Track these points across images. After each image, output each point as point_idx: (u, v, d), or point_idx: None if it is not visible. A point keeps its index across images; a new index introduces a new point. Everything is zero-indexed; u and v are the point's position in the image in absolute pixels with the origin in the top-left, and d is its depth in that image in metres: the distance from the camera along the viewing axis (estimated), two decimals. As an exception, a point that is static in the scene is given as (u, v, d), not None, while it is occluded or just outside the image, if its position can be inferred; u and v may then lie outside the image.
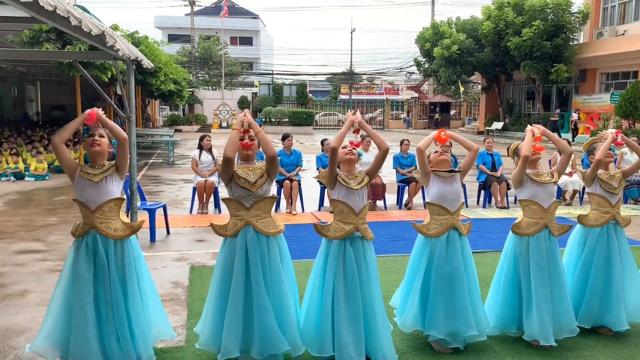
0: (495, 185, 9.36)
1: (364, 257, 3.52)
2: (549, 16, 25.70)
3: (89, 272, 3.31)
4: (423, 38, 31.27)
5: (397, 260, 6.01)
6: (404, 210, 9.12)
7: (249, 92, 39.18)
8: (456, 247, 3.79)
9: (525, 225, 3.91)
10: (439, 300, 3.72)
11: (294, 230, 7.34)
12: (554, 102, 30.23)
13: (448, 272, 3.73)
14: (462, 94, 40.26)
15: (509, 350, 3.83)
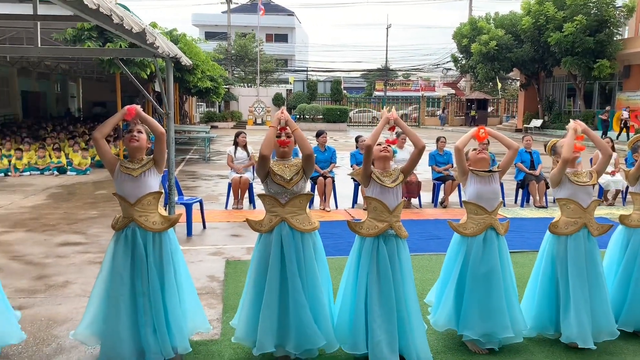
0: (533, 184, 9.16)
1: (398, 256, 3.51)
2: (592, 10, 24.93)
3: (125, 264, 3.38)
4: (460, 34, 30.81)
5: (432, 259, 5.95)
6: (439, 209, 9.02)
7: (283, 89, 39.35)
8: (493, 247, 3.73)
9: (563, 224, 3.81)
10: (474, 301, 3.67)
11: (328, 227, 7.34)
12: (596, 99, 29.34)
13: (484, 272, 3.68)
14: (500, 90, 39.50)
15: (545, 352, 3.75)
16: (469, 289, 3.70)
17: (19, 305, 4.48)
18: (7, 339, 3.51)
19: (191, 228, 6.97)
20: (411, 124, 40.52)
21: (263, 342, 3.35)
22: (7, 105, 26.15)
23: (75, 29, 11.49)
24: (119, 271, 3.37)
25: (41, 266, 5.63)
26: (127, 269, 3.38)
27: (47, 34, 11.97)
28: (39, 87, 29.51)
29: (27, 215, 8.14)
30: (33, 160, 12.91)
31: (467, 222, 3.80)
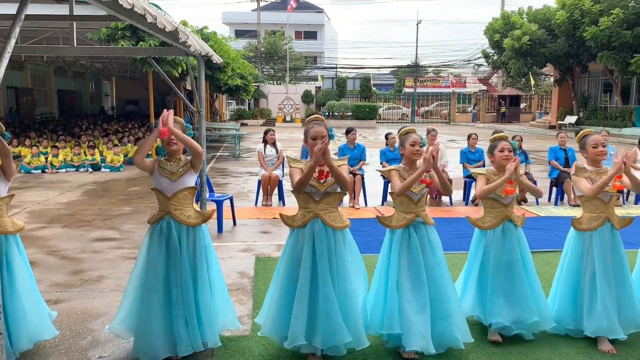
0: (568, 181, 8.95)
1: (429, 241, 3.64)
2: (630, 3, 24.16)
3: (160, 256, 3.46)
4: (492, 29, 30.29)
5: (463, 258, 5.84)
6: (470, 207, 8.90)
7: (312, 86, 39.41)
8: (512, 237, 3.84)
9: (587, 220, 3.84)
10: (499, 289, 3.77)
11: (357, 224, 7.31)
12: (633, 94, 28.49)
13: (506, 262, 3.79)
14: (533, 86, 38.73)
15: (574, 345, 3.66)
16: (493, 279, 3.79)
17: (55, 299, 4.60)
18: (41, 335, 3.60)
19: (222, 225, 7.04)
20: (441, 121, 40.10)
21: (295, 336, 3.35)
22: (45, 104, 26.90)
23: (109, 29, 11.72)
24: (153, 263, 3.45)
25: (77, 261, 5.76)
26: (161, 261, 3.45)
27: (82, 34, 12.25)
28: (74, 86, 30.26)
29: (63, 211, 8.35)
30: (69, 158, 13.24)
31: (484, 216, 3.91)
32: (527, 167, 9.15)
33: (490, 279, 3.78)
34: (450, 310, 3.54)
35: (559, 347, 3.75)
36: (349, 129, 9.20)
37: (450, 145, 18.88)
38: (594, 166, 3.91)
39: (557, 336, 3.90)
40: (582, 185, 3.86)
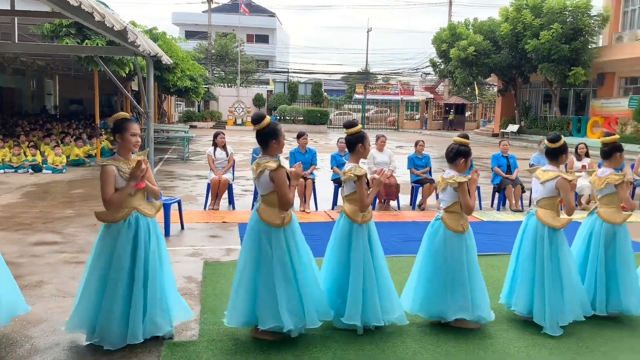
0: (510, 188, 9.30)
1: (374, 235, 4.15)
2: (568, 19, 25.43)
3: (126, 250, 3.64)
4: (439, 39, 31.13)
5: (410, 261, 5.99)
6: (417, 211, 9.11)
7: (264, 90, 39.29)
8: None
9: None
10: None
11: (308, 228, 7.35)
12: (571, 105, 29.94)
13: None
14: (478, 95, 40.00)
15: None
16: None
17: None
18: (16, 310, 3.84)
19: (169, 228, 6.92)
20: (389, 127, 40.83)
21: (266, 318, 3.70)
22: (-19, 101, 25.56)
23: (53, 25, 11.31)
24: (119, 257, 3.63)
25: (15, 266, 5.51)
26: (127, 254, 3.65)
27: (24, 30, 11.76)
28: (14, 84, 28.95)
29: (0, 214, 7.98)
30: (7, 158, 12.66)
31: (462, 223, 4.19)
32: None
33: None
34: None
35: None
36: (300, 134, 9.24)
37: (398, 152, 19.25)
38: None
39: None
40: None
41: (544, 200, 4.24)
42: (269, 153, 3.81)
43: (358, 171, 3.95)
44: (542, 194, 4.27)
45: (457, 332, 4.09)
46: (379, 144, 9.32)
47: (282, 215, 3.75)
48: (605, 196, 4.47)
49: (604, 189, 4.45)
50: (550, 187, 4.20)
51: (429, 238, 4.22)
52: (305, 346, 3.80)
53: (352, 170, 3.98)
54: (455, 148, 4.17)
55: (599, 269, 4.37)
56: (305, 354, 3.69)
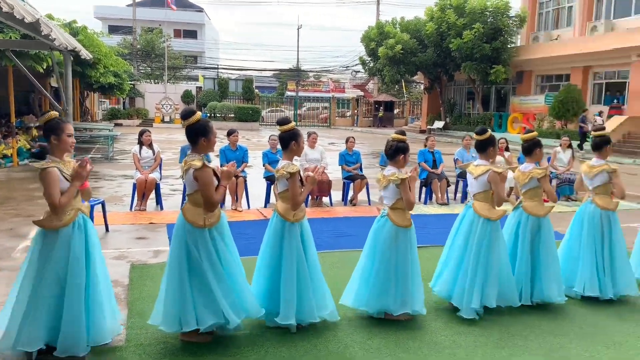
0: (436, 182, 9.61)
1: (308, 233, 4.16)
2: (489, 19, 26.58)
3: (82, 252, 3.54)
4: (368, 37, 31.64)
5: (342, 256, 6.07)
6: (349, 207, 9.22)
7: (193, 86, 38.42)
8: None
9: None
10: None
11: (240, 227, 7.27)
12: (492, 102, 31.34)
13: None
14: (406, 93, 41.06)
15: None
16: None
17: None
18: None
19: (93, 231, 6.61)
20: (321, 124, 41.14)
21: (206, 318, 3.62)
22: None
23: (-41, 16, 10.50)
24: (76, 258, 3.50)
25: None
26: (83, 256, 3.54)
27: None
28: None
29: None
30: None
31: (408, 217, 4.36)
32: None
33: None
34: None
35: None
36: (230, 131, 9.11)
37: (330, 148, 19.41)
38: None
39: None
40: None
41: (479, 194, 4.44)
42: (197, 151, 3.69)
43: (291, 168, 3.92)
44: (476, 188, 4.46)
45: (387, 324, 4.18)
46: (311, 140, 9.35)
47: (206, 216, 3.64)
48: (529, 190, 4.68)
49: (528, 183, 4.66)
50: (483, 181, 4.39)
51: (375, 234, 4.26)
52: (237, 346, 3.75)
53: (285, 168, 3.95)
54: (394, 145, 4.24)
55: (525, 261, 4.60)
56: (238, 354, 3.65)
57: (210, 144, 3.71)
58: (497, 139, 10.89)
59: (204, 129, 3.67)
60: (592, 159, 5.00)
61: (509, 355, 3.76)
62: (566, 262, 4.95)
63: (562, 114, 22.81)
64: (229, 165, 3.77)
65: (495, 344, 3.92)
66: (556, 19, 27.63)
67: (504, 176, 4.39)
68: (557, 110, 22.87)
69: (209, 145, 3.71)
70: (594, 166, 4.91)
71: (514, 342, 3.96)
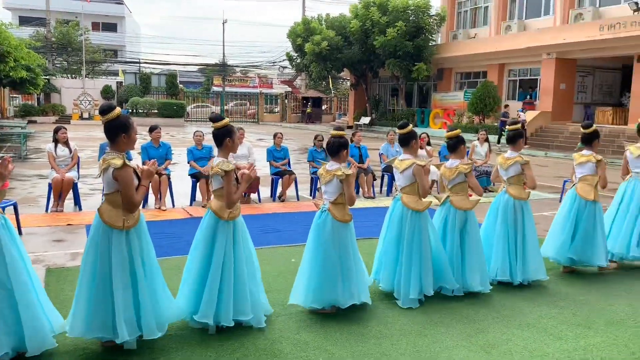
0: (362, 176, 9.79)
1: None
2: (411, 17, 27.34)
3: (15, 249, 3.43)
4: (294, 33, 31.67)
5: (271, 252, 6.06)
6: (277, 203, 9.21)
7: (113, 81, 36.88)
8: None
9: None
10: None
11: (163, 226, 7.08)
12: (415, 99, 32.32)
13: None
14: (333, 89, 41.48)
15: (375, 333, 4.06)
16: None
17: None
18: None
19: (4, 235, 6.20)
20: (249, 120, 40.80)
21: (96, 328, 3.49)
22: None
23: None
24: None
25: None
26: (17, 253, 3.44)
27: None
28: None
29: None
30: None
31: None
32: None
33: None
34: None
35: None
36: (152, 127, 8.83)
37: (258, 144, 19.28)
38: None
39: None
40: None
41: (406, 187, 4.60)
42: (117, 148, 3.53)
43: (226, 166, 3.85)
44: (403, 181, 4.62)
45: (315, 318, 4.23)
46: (238, 136, 9.23)
47: (125, 218, 3.49)
48: (456, 185, 4.87)
49: (455, 179, 4.85)
50: (409, 175, 4.55)
51: (317, 229, 4.28)
52: (162, 347, 3.66)
53: (219, 165, 3.87)
54: (336, 142, 4.32)
55: (455, 253, 4.80)
56: (161, 356, 3.56)
57: (130, 140, 3.57)
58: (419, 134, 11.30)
59: (124, 125, 3.53)
60: (507, 152, 5.28)
61: (432, 342, 3.90)
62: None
63: (479, 110, 23.91)
64: (150, 164, 3.62)
65: (419, 332, 4.06)
66: (474, 18, 28.88)
67: (427, 169, 4.58)
68: (475, 106, 23.95)
69: (130, 142, 3.57)
70: (509, 158, 5.18)
71: (436, 330, 4.11)
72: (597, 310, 4.58)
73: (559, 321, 4.32)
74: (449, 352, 3.75)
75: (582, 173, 5.45)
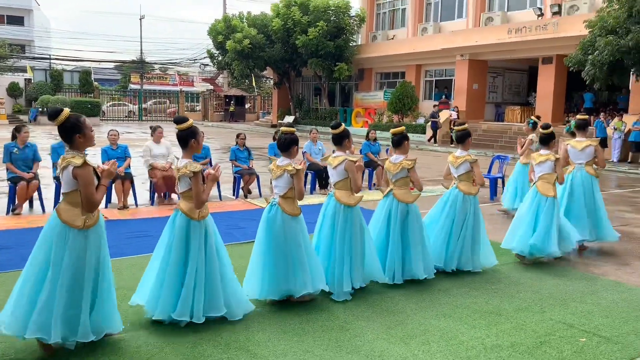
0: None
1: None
2: (332, 17, 27.68)
3: None
4: (215, 30, 31.14)
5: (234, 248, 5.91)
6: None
7: (21, 78, 34.65)
8: None
9: None
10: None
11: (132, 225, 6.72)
12: (338, 98, 32.76)
13: None
14: (256, 87, 41.20)
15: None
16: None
17: None
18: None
19: None
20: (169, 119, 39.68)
21: (33, 327, 3.37)
22: None
23: None
24: None
25: None
26: None
27: None
28: None
29: None
30: None
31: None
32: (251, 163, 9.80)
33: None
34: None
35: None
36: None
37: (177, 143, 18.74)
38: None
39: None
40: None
41: (339, 183, 4.77)
42: (75, 148, 3.55)
43: (193, 167, 3.92)
44: (336, 177, 4.79)
45: (292, 307, 4.36)
46: (156, 135, 8.98)
47: (85, 217, 3.48)
48: (399, 179, 5.10)
49: (399, 173, 5.08)
50: (341, 170, 4.73)
51: (267, 223, 4.41)
52: (133, 346, 3.48)
53: (187, 167, 3.93)
54: (287, 138, 4.50)
55: (397, 243, 5.03)
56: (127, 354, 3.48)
57: (87, 139, 3.58)
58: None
59: (76, 125, 3.53)
60: (457, 151, 5.58)
61: (353, 336, 3.97)
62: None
63: (398, 109, 24.62)
64: (110, 164, 3.65)
65: (341, 327, 4.12)
66: (392, 20, 29.70)
67: (359, 165, 4.77)
68: (395, 105, 24.65)
69: (87, 141, 3.59)
70: (458, 157, 5.52)
71: (357, 324, 4.19)
72: (507, 298, 4.85)
73: (472, 310, 4.53)
74: (370, 345, 3.83)
75: (542, 172, 5.86)
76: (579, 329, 4.20)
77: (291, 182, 4.38)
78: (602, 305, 4.70)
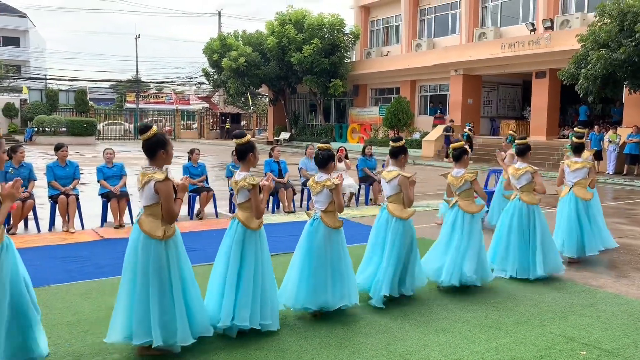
0: (282, 191, 9.78)
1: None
2: (326, 35, 27.92)
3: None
4: (211, 49, 31.33)
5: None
6: (195, 221, 8.98)
7: (16, 98, 34.72)
8: None
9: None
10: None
11: (72, 250, 6.67)
12: (333, 114, 32.90)
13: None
14: (252, 105, 41.37)
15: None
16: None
17: None
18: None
19: None
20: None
21: (139, 333, 3.59)
22: None
23: None
24: None
25: None
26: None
27: None
28: None
29: None
30: None
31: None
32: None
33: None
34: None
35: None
36: (58, 145, 8.34)
37: (175, 162, 18.75)
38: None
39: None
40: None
41: (392, 197, 4.98)
42: (156, 164, 3.76)
43: (252, 180, 4.08)
44: (389, 191, 5.01)
45: (290, 325, 4.19)
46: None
47: (165, 228, 3.69)
48: (463, 191, 5.37)
49: (462, 186, 5.36)
50: (394, 185, 4.95)
51: (309, 236, 4.53)
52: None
53: (245, 180, 4.10)
54: (325, 154, 4.66)
55: (461, 249, 5.27)
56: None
57: (168, 156, 3.81)
58: (337, 148, 11.53)
59: (162, 141, 3.75)
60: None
61: (351, 353, 3.93)
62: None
63: (394, 124, 24.72)
64: (184, 179, 3.83)
65: (339, 344, 4.08)
66: (386, 37, 29.98)
67: (412, 180, 4.93)
68: (390, 121, 24.76)
69: (168, 157, 3.81)
70: (519, 168, 5.87)
71: (356, 340, 4.15)
72: (506, 312, 4.82)
73: (472, 324, 4.50)
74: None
75: (577, 177, 6.40)
76: (579, 342, 4.17)
77: (331, 196, 4.51)
78: (601, 318, 4.68)
